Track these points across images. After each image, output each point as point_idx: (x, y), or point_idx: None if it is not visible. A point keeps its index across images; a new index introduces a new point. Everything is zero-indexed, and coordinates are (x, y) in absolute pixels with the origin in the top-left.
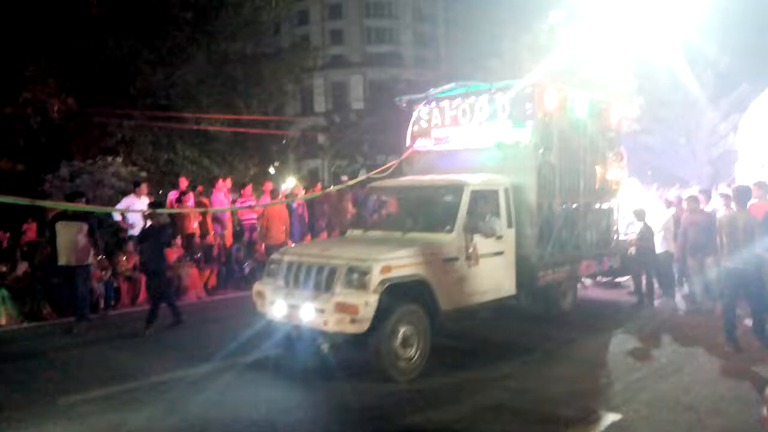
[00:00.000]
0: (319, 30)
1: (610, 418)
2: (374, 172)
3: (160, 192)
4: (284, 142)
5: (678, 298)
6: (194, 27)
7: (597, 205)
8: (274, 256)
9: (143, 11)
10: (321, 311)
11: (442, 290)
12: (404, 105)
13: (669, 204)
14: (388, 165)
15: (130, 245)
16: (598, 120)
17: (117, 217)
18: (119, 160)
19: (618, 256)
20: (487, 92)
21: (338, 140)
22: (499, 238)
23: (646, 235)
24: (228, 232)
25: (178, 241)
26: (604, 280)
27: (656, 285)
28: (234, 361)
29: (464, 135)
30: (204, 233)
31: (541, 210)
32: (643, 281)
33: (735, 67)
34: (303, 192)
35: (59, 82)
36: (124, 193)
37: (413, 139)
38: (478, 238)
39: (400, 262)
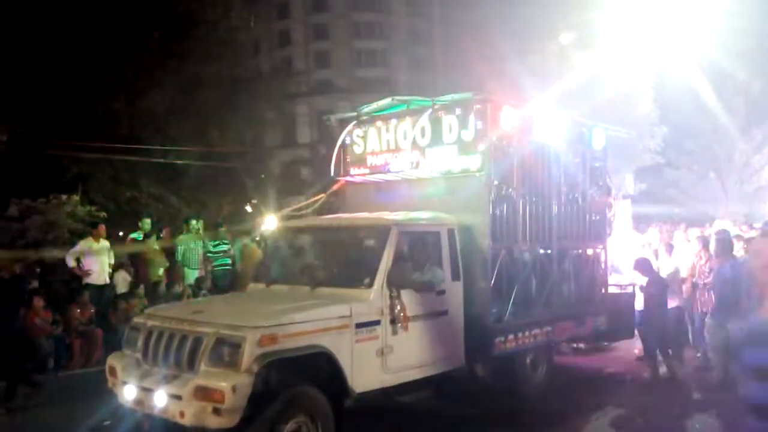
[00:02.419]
0: (303, 52)
1: None
2: (292, 208)
3: (120, 234)
4: (263, 176)
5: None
6: (162, 47)
7: (576, 252)
8: (136, 319)
9: (104, 29)
10: (177, 398)
11: (355, 365)
12: (334, 125)
13: (671, 249)
14: (312, 200)
15: (86, 296)
16: (577, 147)
17: (71, 263)
18: (76, 198)
19: (605, 315)
20: (430, 110)
21: (324, 174)
22: (441, 293)
23: (658, 288)
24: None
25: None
26: (582, 345)
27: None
28: None
29: (405, 162)
30: (172, 282)
31: (498, 257)
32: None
33: None
34: None
35: (7, 109)
36: (81, 236)
37: (345, 167)
38: (408, 295)
39: (289, 329)
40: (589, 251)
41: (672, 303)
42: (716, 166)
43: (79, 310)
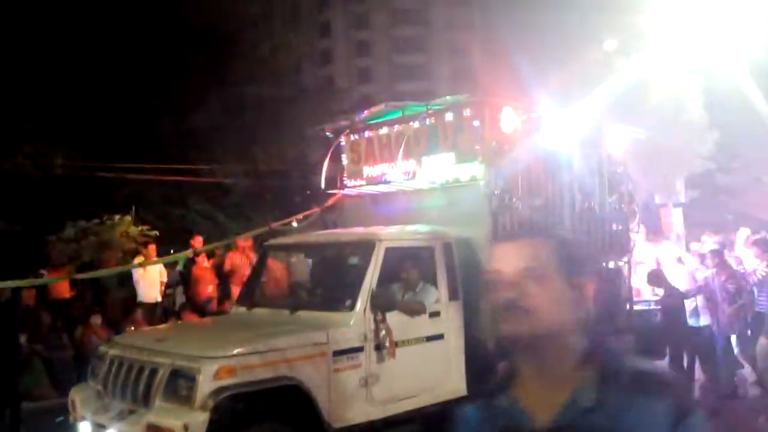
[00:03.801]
0: (345, 68)
1: None
2: (281, 222)
3: (172, 252)
4: (308, 192)
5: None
6: (206, 69)
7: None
8: (102, 347)
9: (149, 52)
10: None
11: (333, 397)
12: (330, 135)
13: (703, 259)
14: (306, 213)
15: (138, 314)
16: (592, 151)
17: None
18: (128, 218)
19: (632, 334)
20: (425, 116)
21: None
22: (435, 315)
23: (675, 302)
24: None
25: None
26: None
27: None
28: None
29: (401, 173)
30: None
31: None
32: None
33: None
34: None
35: (62, 133)
36: (134, 255)
37: (341, 179)
38: (397, 318)
39: (250, 360)
40: (611, 265)
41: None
42: None
43: (132, 328)
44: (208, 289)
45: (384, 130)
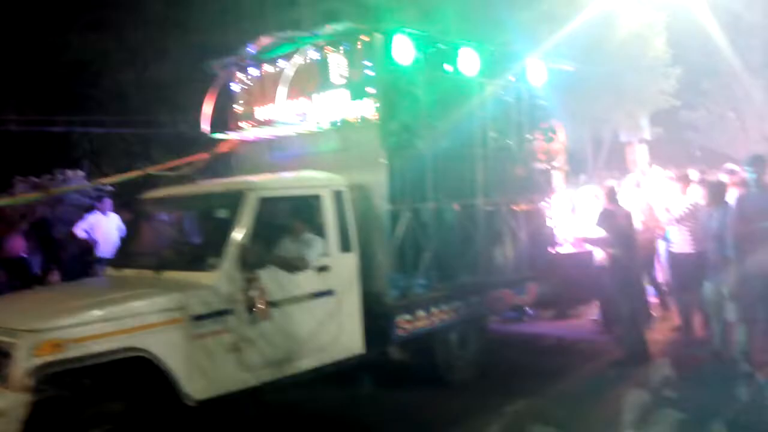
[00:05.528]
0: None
1: None
2: (159, 167)
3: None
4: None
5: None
6: (167, 17)
7: (509, 208)
8: None
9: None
10: None
11: (196, 367)
12: (216, 73)
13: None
14: (189, 159)
15: (96, 269)
16: (509, 83)
17: (80, 233)
18: (81, 172)
19: (555, 280)
20: (315, 47)
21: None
22: (323, 270)
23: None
24: None
25: None
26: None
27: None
28: None
29: (295, 114)
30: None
31: (402, 221)
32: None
33: None
34: None
35: (15, 89)
36: (88, 210)
37: (232, 122)
38: (274, 275)
39: (83, 331)
40: (529, 207)
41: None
42: (734, 105)
43: None
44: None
45: (277, 65)
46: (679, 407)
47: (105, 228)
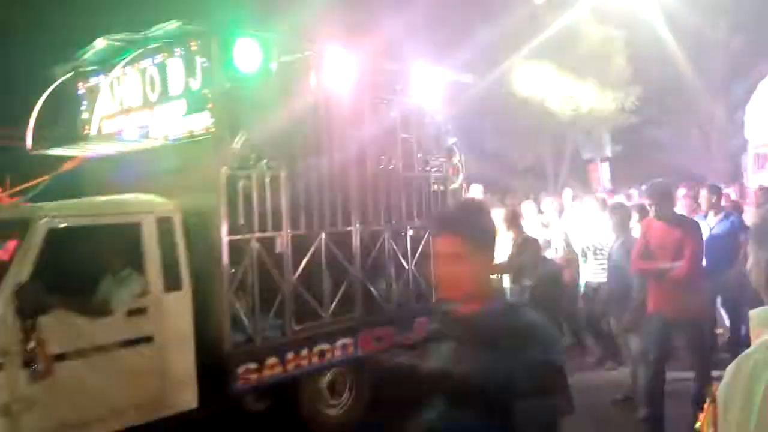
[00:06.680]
0: None
1: None
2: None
3: None
4: None
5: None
6: None
7: (395, 235)
8: None
9: None
10: None
11: None
12: (54, 79)
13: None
14: (34, 183)
15: None
16: (390, 97)
17: None
18: None
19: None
20: (154, 53)
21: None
22: (139, 312)
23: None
24: None
25: None
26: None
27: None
28: None
29: (137, 127)
30: None
31: (247, 253)
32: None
33: (751, 47)
34: None
35: None
36: None
37: (81, 135)
38: (66, 321)
39: None
40: (410, 231)
41: None
42: (699, 122)
43: None
44: None
45: (121, 72)
46: None
47: None
